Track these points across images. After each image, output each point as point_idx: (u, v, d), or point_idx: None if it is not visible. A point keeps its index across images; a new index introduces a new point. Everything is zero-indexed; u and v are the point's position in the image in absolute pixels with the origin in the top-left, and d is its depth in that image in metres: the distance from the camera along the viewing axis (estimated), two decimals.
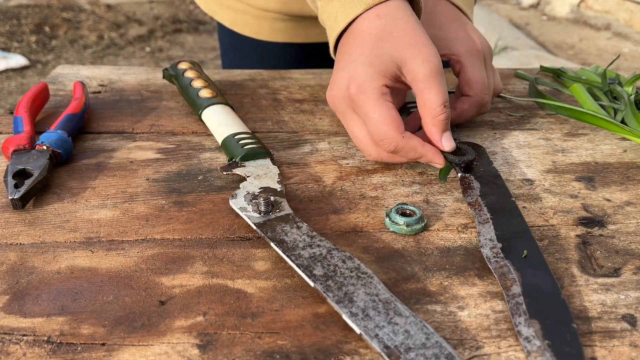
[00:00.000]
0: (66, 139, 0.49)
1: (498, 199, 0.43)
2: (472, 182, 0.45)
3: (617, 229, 0.41)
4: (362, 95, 0.44)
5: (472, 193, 0.44)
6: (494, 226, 0.40)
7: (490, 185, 0.45)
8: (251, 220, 0.39)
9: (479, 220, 0.41)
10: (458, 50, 0.53)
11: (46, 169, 0.44)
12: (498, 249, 0.37)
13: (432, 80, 0.43)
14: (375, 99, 0.44)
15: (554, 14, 4.16)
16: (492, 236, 0.39)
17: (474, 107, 0.53)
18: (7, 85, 2.88)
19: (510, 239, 0.38)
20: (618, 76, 0.66)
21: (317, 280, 0.34)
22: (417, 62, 0.43)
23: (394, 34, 0.44)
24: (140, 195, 0.44)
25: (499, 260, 0.36)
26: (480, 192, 0.44)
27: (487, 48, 0.55)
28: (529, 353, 0.30)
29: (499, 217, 0.41)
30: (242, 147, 0.47)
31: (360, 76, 0.44)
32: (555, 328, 0.31)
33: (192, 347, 0.31)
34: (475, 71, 0.52)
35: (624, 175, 0.49)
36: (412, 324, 0.31)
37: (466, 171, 0.47)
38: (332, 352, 0.30)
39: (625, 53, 3.25)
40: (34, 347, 0.30)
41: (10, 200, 0.41)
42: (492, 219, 0.40)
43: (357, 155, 0.51)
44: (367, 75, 0.44)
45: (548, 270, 0.36)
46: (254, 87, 0.66)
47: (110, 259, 0.37)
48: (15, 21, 3.79)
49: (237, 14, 0.82)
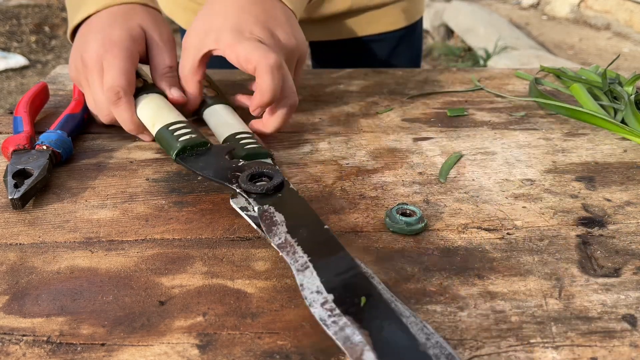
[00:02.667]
0: (66, 139, 0.49)
1: (311, 232, 0.35)
2: (274, 216, 0.37)
3: (617, 229, 0.41)
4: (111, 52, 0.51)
5: (278, 230, 0.36)
6: (317, 272, 0.32)
7: (295, 215, 0.37)
8: (252, 219, 0.39)
9: (296, 267, 0.33)
10: (219, 43, 0.51)
11: (46, 169, 0.44)
12: (331, 302, 0.30)
13: (164, 46, 0.54)
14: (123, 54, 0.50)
15: (554, 14, 4.16)
16: (318, 287, 0.31)
17: (262, 73, 0.47)
18: (7, 85, 2.88)
19: (340, 285, 0.31)
20: (618, 76, 0.66)
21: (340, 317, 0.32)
22: (154, 31, 0.54)
23: (139, 13, 0.55)
24: (140, 195, 0.44)
25: (337, 320, 0.29)
26: (287, 228, 0.36)
27: None
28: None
29: (319, 258, 0.33)
30: (243, 147, 0.47)
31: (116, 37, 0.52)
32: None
33: (192, 347, 0.30)
34: (243, 53, 0.49)
35: (624, 175, 0.49)
36: (413, 324, 0.31)
37: (261, 202, 0.38)
38: (332, 352, 0.30)
39: (625, 53, 3.25)
40: (33, 347, 0.30)
41: (10, 200, 0.41)
42: (312, 262, 0.33)
43: (357, 155, 0.51)
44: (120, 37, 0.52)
45: (395, 315, 0.30)
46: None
47: (110, 259, 0.37)
48: (15, 21, 3.79)
49: (191, 14, 0.83)
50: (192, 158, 0.44)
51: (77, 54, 0.52)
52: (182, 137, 0.46)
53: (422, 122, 0.58)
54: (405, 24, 0.85)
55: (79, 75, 0.52)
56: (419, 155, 0.51)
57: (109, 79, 0.49)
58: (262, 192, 0.39)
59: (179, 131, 0.47)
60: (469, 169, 0.49)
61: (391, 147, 0.53)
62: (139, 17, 0.54)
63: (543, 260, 0.38)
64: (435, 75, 0.72)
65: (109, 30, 0.51)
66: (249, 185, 0.40)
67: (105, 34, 0.51)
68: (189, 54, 0.52)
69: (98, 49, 0.50)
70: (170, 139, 0.46)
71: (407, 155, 0.51)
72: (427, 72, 0.73)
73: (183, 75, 0.54)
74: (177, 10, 0.85)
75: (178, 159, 0.45)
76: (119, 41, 0.51)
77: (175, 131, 0.47)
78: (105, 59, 0.50)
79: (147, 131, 0.51)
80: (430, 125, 0.58)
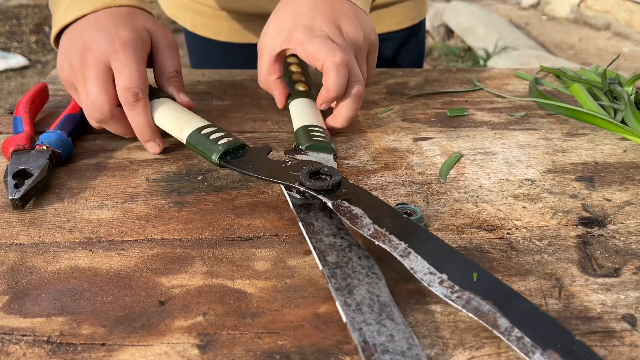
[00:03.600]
0: (66, 139, 0.49)
1: (394, 221, 0.36)
2: (352, 210, 0.37)
3: (617, 229, 0.41)
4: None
5: (364, 222, 0.36)
6: (421, 255, 0.34)
7: (370, 207, 0.38)
8: (291, 199, 0.40)
9: (398, 254, 0.34)
10: (290, 41, 0.53)
11: (46, 169, 0.44)
12: (448, 281, 0.32)
13: (170, 50, 0.54)
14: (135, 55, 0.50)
15: (554, 14, 4.16)
16: (429, 268, 0.33)
17: (329, 70, 0.49)
18: (7, 85, 2.88)
19: (446, 265, 0.33)
20: (618, 76, 0.66)
21: (326, 265, 0.34)
22: (160, 34, 0.54)
23: (142, 16, 0.54)
24: (140, 196, 0.44)
25: (462, 295, 0.31)
26: (371, 220, 0.36)
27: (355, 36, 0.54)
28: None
29: (416, 243, 0.34)
30: (310, 138, 0.48)
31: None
32: (569, 344, 0.28)
33: (192, 347, 0.30)
34: (312, 50, 0.51)
35: (624, 175, 0.49)
36: (400, 331, 0.31)
37: (331, 197, 0.38)
38: (332, 352, 0.30)
39: (625, 53, 3.25)
40: (33, 347, 0.30)
41: (10, 200, 0.41)
42: (412, 248, 0.34)
43: (357, 155, 0.51)
44: None
45: (503, 284, 0.32)
46: (254, 87, 0.66)
47: (110, 259, 0.37)
48: (15, 21, 3.79)
49: (195, 15, 0.83)
50: (236, 161, 0.44)
51: (73, 51, 0.49)
52: (221, 141, 0.45)
53: (422, 122, 0.58)
54: (410, 24, 0.85)
55: (74, 73, 0.49)
56: (419, 155, 0.51)
57: (125, 80, 0.47)
58: (328, 188, 0.39)
59: (214, 135, 0.45)
60: (468, 169, 0.49)
61: (391, 147, 0.53)
62: (142, 19, 0.53)
63: (543, 260, 0.38)
64: (435, 75, 0.72)
65: (115, 30, 0.49)
66: (313, 182, 0.39)
67: (112, 32, 0.49)
68: (263, 55, 0.55)
69: (105, 46, 0.48)
70: (208, 143, 0.45)
71: (407, 155, 0.51)
72: (427, 72, 0.73)
73: (261, 77, 0.56)
74: (178, 10, 0.85)
75: (222, 162, 0.44)
76: (130, 41, 0.49)
77: (210, 135, 0.45)
78: (116, 59, 0.48)
79: (159, 138, 0.50)
80: (430, 125, 0.58)
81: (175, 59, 0.55)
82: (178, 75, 0.55)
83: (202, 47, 0.86)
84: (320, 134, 0.50)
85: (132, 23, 0.51)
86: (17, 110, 0.53)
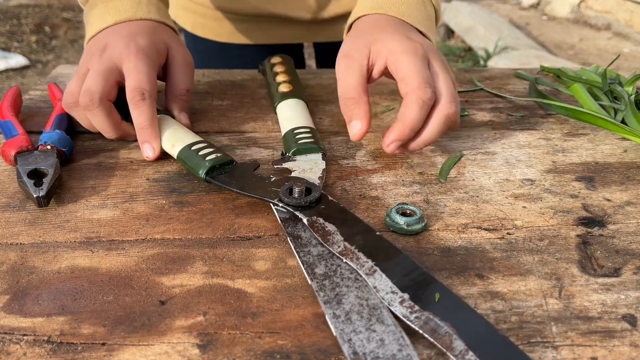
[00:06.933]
0: (67, 137, 0.49)
1: (365, 239, 0.37)
2: (325, 226, 0.38)
3: (617, 229, 0.41)
4: None
5: (335, 239, 0.37)
6: (385, 274, 0.34)
7: (344, 224, 0.38)
8: (278, 214, 0.40)
9: (364, 272, 0.34)
10: (381, 49, 0.49)
11: (59, 167, 0.45)
12: (408, 300, 0.32)
13: (185, 68, 0.55)
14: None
15: (554, 14, 4.16)
16: (392, 287, 0.33)
17: (413, 104, 0.45)
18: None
19: (411, 284, 0.33)
20: (618, 76, 0.66)
21: (315, 279, 0.34)
22: (177, 51, 0.55)
23: (164, 32, 0.56)
24: (141, 195, 0.44)
25: (420, 316, 0.31)
26: (343, 237, 0.37)
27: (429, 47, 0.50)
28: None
29: (382, 261, 0.35)
30: (296, 142, 0.48)
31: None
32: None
33: (192, 347, 0.31)
34: (407, 63, 0.46)
35: (624, 175, 0.49)
36: (391, 332, 0.31)
37: (307, 214, 0.39)
38: (332, 352, 0.30)
39: (625, 53, 3.25)
40: (34, 347, 0.30)
41: (36, 198, 0.41)
42: (378, 266, 0.35)
43: (357, 155, 0.51)
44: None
45: (465, 304, 0.32)
46: (254, 87, 0.66)
47: (110, 259, 0.37)
48: (16, 21, 3.79)
49: (196, 16, 0.83)
50: (222, 176, 0.44)
51: (94, 49, 0.51)
52: (209, 157, 0.45)
53: None
54: None
55: (91, 58, 0.50)
56: (419, 155, 0.51)
57: (134, 81, 0.48)
58: (306, 204, 0.40)
59: (203, 150, 0.46)
60: (469, 169, 0.49)
61: None
62: (164, 34, 0.55)
63: (543, 260, 0.38)
64: None
65: (135, 37, 0.51)
66: (291, 198, 0.40)
67: (132, 38, 0.51)
68: (352, 66, 0.49)
69: (122, 49, 0.50)
70: (196, 159, 0.45)
71: (407, 155, 0.51)
72: None
73: (347, 96, 0.48)
74: (179, 11, 0.85)
75: (208, 177, 0.44)
76: (145, 48, 0.51)
77: (199, 151, 0.46)
78: (129, 61, 0.49)
79: (156, 143, 0.49)
80: None
81: (189, 78, 0.55)
82: (187, 94, 0.55)
83: (202, 49, 0.87)
84: (307, 135, 0.49)
85: (152, 35, 0.53)
86: (3, 115, 0.52)
